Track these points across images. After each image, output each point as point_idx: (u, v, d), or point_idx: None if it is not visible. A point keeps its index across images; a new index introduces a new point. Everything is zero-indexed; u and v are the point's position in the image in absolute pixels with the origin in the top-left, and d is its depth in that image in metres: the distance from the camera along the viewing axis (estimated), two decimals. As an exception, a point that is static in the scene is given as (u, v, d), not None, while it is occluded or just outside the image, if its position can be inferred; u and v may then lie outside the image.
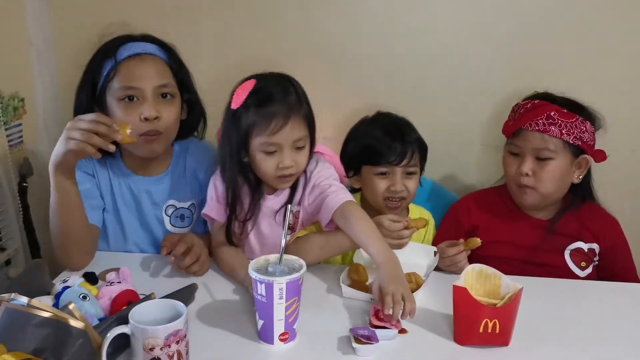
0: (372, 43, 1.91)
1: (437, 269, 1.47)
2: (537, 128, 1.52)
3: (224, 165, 1.46)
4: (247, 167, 1.45)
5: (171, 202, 1.56)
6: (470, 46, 1.88)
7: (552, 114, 1.52)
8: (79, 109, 1.45)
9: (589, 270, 1.61)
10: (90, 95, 1.44)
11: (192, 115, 1.57)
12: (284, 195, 1.51)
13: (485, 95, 1.90)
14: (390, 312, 1.16)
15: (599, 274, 1.63)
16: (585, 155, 1.56)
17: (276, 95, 1.38)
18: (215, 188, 1.49)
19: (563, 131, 1.51)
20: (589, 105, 1.59)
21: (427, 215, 1.76)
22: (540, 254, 1.60)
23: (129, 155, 1.53)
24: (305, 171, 1.49)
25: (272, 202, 1.52)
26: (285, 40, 1.93)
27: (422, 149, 1.65)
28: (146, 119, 1.40)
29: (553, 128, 1.51)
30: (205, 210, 1.50)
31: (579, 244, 1.61)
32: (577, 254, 1.60)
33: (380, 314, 1.21)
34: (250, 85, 1.39)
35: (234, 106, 1.39)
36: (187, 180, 1.58)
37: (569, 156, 1.54)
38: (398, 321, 1.20)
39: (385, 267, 1.25)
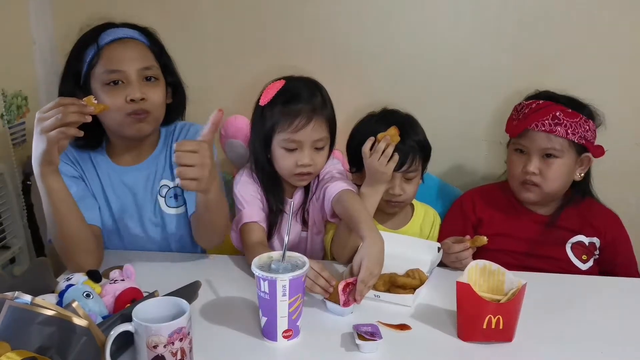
0: (376, 40, 1.91)
1: (441, 264, 1.47)
2: (543, 129, 1.53)
3: (256, 159, 1.55)
4: (269, 164, 1.54)
5: (164, 182, 1.54)
6: (473, 43, 1.88)
7: (557, 114, 1.53)
8: (65, 95, 1.40)
9: (590, 263, 1.62)
10: (73, 84, 1.44)
11: (177, 99, 1.56)
12: (299, 195, 1.60)
13: (489, 91, 1.90)
14: (363, 291, 1.22)
15: (600, 268, 1.64)
16: (588, 154, 1.58)
17: (302, 95, 1.48)
18: (242, 193, 1.53)
19: (568, 131, 1.53)
20: (590, 103, 1.60)
21: (432, 212, 1.76)
22: (541, 247, 1.61)
23: (115, 147, 1.52)
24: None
25: (296, 201, 1.60)
26: (289, 37, 1.93)
27: (424, 151, 1.64)
28: (132, 101, 1.40)
29: (559, 128, 1.52)
30: (245, 220, 1.50)
31: (580, 237, 1.62)
32: (578, 247, 1.62)
33: (346, 288, 1.24)
34: (279, 84, 1.50)
35: (262, 103, 1.50)
36: (174, 159, 1.53)
37: (574, 155, 1.57)
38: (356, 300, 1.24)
39: (371, 246, 1.27)
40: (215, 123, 1.24)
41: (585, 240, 1.62)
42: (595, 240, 1.63)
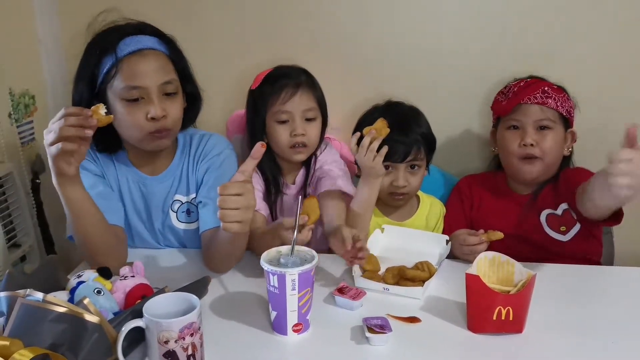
0: (380, 33, 1.90)
1: (450, 256, 1.47)
2: (535, 101, 1.60)
3: (254, 142, 1.50)
4: (268, 151, 1.54)
5: (177, 197, 1.53)
6: (477, 34, 1.87)
7: (546, 88, 1.62)
8: (80, 102, 1.39)
9: (572, 233, 1.61)
10: (88, 88, 1.39)
11: (193, 105, 1.53)
12: (300, 179, 1.65)
13: (493, 82, 1.88)
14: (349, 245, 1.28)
15: (586, 229, 1.60)
16: (572, 129, 1.65)
17: (288, 74, 1.57)
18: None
19: (558, 104, 1.61)
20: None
21: (439, 204, 1.76)
22: (523, 229, 1.63)
23: (134, 156, 1.51)
24: (315, 154, 1.61)
25: (292, 190, 1.64)
26: (293, 31, 1.93)
27: (428, 142, 1.64)
28: (153, 119, 1.36)
29: (550, 100, 1.60)
30: None
31: (549, 211, 1.63)
32: (552, 219, 1.63)
33: (344, 289, 1.27)
34: (268, 71, 1.60)
35: (252, 87, 1.59)
36: (191, 174, 1.54)
37: (562, 128, 1.63)
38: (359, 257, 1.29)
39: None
40: (257, 157, 1.21)
41: (556, 211, 1.63)
42: (564, 205, 1.62)
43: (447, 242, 1.49)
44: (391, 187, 1.60)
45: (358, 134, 1.47)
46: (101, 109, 1.24)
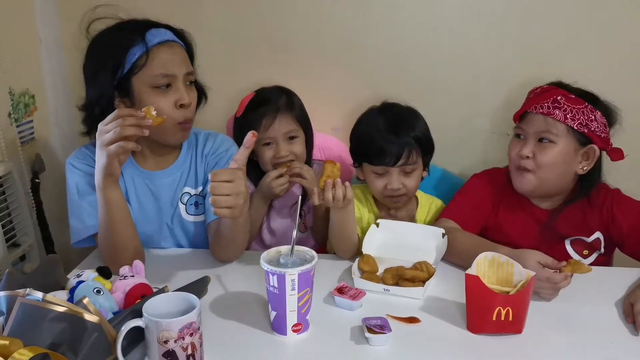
0: (381, 32, 1.90)
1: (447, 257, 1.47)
2: (541, 111, 1.49)
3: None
4: (257, 165, 1.67)
5: (186, 189, 1.55)
6: (478, 34, 1.87)
7: (558, 97, 1.49)
8: (98, 99, 1.40)
9: (592, 258, 1.58)
10: (109, 82, 1.39)
11: (199, 98, 1.56)
12: (293, 191, 1.67)
13: (494, 83, 1.89)
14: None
15: (609, 256, 1.60)
16: (593, 145, 1.50)
17: (268, 100, 1.63)
18: None
19: (567, 116, 1.47)
20: (607, 99, 1.54)
21: (439, 204, 1.75)
22: (539, 244, 1.50)
23: (142, 152, 1.52)
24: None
25: (283, 198, 1.66)
26: (294, 33, 1.93)
27: (423, 144, 1.60)
28: (182, 106, 1.41)
29: (557, 112, 1.47)
30: None
31: (582, 237, 1.57)
32: (578, 244, 1.58)
33: (344, 289, 1.28)
34: (250, 96, 1.67)
35: (237, 115, 1.67)
36: (200, 167, 1.56)
37: (574, 143, 1.49)
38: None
39: None
40: (249, 146, 1.24)
41: (587, 239, 1.57)
42: (599, 235, 1.57)
43: (443, 235, 1.48)
44: (386, 191, 1.59)
45: (316, 190, 1.41)
46: (152, 110, 1.31)
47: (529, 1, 1.83)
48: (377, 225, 1.55)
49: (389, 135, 1.55)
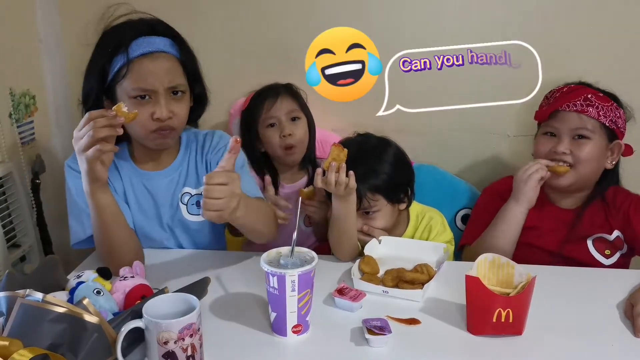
0: (380, 34, 1.90)
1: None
2: (574, 109, 1.54)
3: (251, 154, 1.73)
4: (264, 157, 1.78)
5: (186, 189, 1.55)
6: (488, 35, 1.87)
7: (589, 96, 1.54)
8: (89, 95, 1.42)
9: (614, 258, 1.59)
10: (98, 82, 1.41)
11: (199, 105, 1.55)
12: (301, 183, 1.76)
13: (500, 84, 1.89)
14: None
15: (629, 258, 1.61)
16: (619, 141, 1.58)
17: (270, 87, 1.77)
18: None
19: (600, 113, 1.53)
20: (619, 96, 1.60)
21: (438, 215, 1.69)
22: (567, 249, 1.58)
23: (138, 152, 1.52)
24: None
25: (285, 189, 1.74)
26: (294, 33, 1.93)
27: (387, 188, 1.52)
28: (158, 119, 1.39)
29: (590, 109, 1.53)
30: None
31: (603, 235, 1.59)
32: (600, 242, 1.59)
33: (344, 290, 1.27)
34: (255, 93, 1.79)
35: (243, 108, 1.80)
36: (200, 166, 1.56)
37: (605, 139, 1.56)
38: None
39: None
40: (235, 152, 1.23)
41: (609, 237, 1.59)
42: (619, 234, 1.59)
43: (445, 250, 1.48)
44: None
45: (320, 172, 1.39)
46: (123, 107, 1.28)
47: (529, 1, 1.83)
48: (379, 241, 1.52)
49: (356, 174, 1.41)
